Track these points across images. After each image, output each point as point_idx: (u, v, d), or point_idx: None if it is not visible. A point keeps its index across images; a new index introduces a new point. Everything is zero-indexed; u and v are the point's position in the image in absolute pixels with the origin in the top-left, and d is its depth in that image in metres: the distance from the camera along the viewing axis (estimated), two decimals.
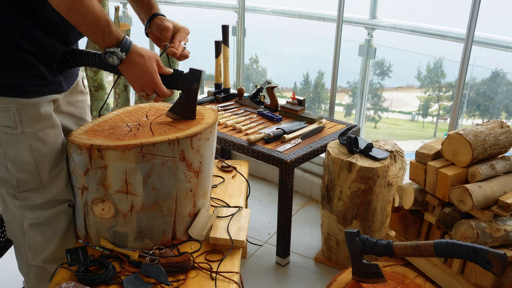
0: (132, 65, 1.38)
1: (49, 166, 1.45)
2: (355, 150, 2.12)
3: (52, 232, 1.53)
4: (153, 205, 1.50)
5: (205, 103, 2.79)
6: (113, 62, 1.35)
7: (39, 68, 1.36)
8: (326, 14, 2.96)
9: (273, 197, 3.03)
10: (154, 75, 1.43)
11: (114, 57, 1.34)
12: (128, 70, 1.40)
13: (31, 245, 1.54)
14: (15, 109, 1.33)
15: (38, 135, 1.40)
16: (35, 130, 1.39)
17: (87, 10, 1.24)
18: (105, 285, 1.39)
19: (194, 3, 3.60)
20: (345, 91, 7.03)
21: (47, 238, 1.52)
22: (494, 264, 1.26)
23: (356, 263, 1.49)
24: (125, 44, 1.35)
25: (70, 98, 1.59)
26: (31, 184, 1.44)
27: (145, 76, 1.41)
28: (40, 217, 1.50)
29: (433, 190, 1.69)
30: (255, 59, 5.22)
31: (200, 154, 1.53)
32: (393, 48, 4.29)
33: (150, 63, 1.41)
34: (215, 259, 1.55)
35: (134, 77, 1.41)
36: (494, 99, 5.47)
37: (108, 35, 1.31)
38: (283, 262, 2.39)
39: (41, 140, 1.41)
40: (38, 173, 1.43)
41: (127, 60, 1.37)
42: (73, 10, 1.22)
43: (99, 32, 1.29)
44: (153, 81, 1.43)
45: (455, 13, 3.62)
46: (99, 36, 1.30)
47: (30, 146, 1.39)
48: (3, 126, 1.35)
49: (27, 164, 1.40)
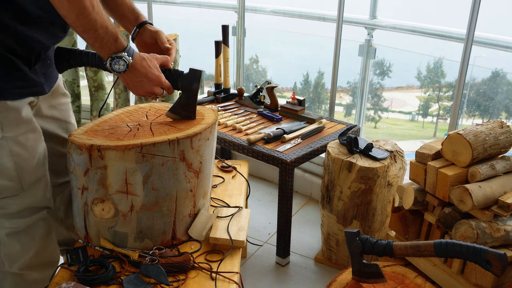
0: (136, 69, 1.38)
1: (30, 171, 1.42)
2: (355, 150, 2.12)
3: (30, 240, 1.50)
4: (153, 205, 1.50)
5: (205, 103, 2.79)
6: (119, 68, 1.34)
7: (20, 69, 1.33)
8: (326, 14, 2.96)
9: (273, 197, 3.03)
10: (159, 73, 1.43)
11: (121, 62, 1.33)
12: (134, 76, 1.39)
13: (7, 254, 1.50)
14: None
15: (18, 140, 1.37)
16: (15, 134, 1.36)
17: (97, 15, 1.23)
18: (105, 285, 1.39)
19: (194, 3, 3.60)
20: (345, 91, 7.03)
21: (24, 246, 1.50)
22: (494, 264, 1.26)
23: (356, 263, 1.49)
24: (130, 49, 1.35)
25: (52, 101, 1.57)
26: (10, 190, 1.40)
27: (152, 75, 1.41)
28: (17, 226, 1.47)
29: (433, 190, 1.69)
30: (255, 59, 5.22)
31: (200, 154, 1.53)
32: (393, 48, 4.29)
33: (152, 63, 1.41)
34: (215, 259, 1.55)
35: (140, 78, 1.40)
36: (494, 99, 5.47)
37: (115, 40, 1.30)
38: (283, 262, 2.39)
39: (22, 145, 1.38)
40: (18, 179, 1.40)
41: (133, 65, 1.36)
42: (83, 16, 1.21)
43: (107, 38, 1.28)
44: (160, 78, 1.43)
45: (455, 13, 3.62)
46: (106, 41, 1.29)
47: (11, 151, 1.36)
48: None
49: (7, 169, 1.37)
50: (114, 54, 1.32)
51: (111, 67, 1.34)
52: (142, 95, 1.45)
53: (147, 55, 1.41)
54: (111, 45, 1.30)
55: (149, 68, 1.40)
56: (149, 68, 1.40)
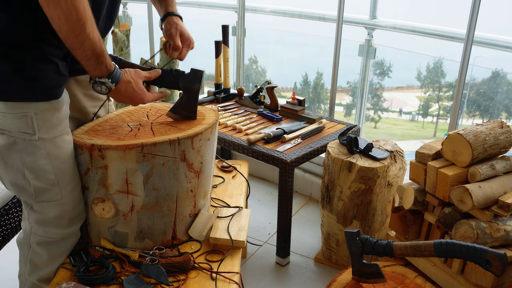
0: (120, 92, 1.40)
1: (68, 176, 1.43)
2: (355, 150, 2.12)
3: (58, 254, 1.50)
4: (153, 205, 1.50)
5: (205, 103, 2.79)
6: (101, 91, 1.36)
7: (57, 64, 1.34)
8: (326, 14, 2.96)
9: (273, 197, 3.03)
10: (143, 95, 1.46)
11: (103, 87, 1.35)
12: (117, 97, 1.42)
13: (33, 260, 1.51)
14: (33, 113, 1.31)
15: (56, 142, 1.38)
16: (53, 136, 1.36)
17: (87, 37, 1.23)
18: (105, 285, 1.39)
19: (194, 3, 3.60)
20: (345, 91, 7.02)
21: (51, 258, 1.50)
22: (494, 264, 1.26)
23: (356, 263, 1.49)
24: (115, 75, 1.36)
25: None
26: (49, 194, 1.40)
27: (135, 98, 1.45)
28: (51, 236, 1.47)
29: (433, 190, 1.69)
30: (254, 59, 5.22)
31: (201, 154, 1.53)
32: (393, 48, 4.29)
33: (138, 86, 1.44)
34: (215, 259, 1.55)
35: (123, 100, 1.44)
36: (494, 99, 5.47)
37: (100, 64, 1.31)
38: (283, 262, 2.39)
39: (59, 147, 1.39)
40: (58, 183, 1.40)
41: (116, 90, 1.39)
42: (73, 34, 1.21)
43: (93, 60, 1.29)
44: (143, 99, 1.46)
45: (455, 13, 3.62)
46: (91, 63, 1.30)
47: (48, 153, 1.36)
48: (21, 132, 1.32)
49: (45, 172, 1.37)
50: (97, 79, 1.34)
51: (93, 88, 1.36)
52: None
53: (133, 77, 1.43)
54: (95, 68, 1.31)
55: (132, 92, 1.43)
56: (132, 92, 1.43)
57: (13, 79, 1.27)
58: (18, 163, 1.36)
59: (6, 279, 2.15)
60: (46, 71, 1.31)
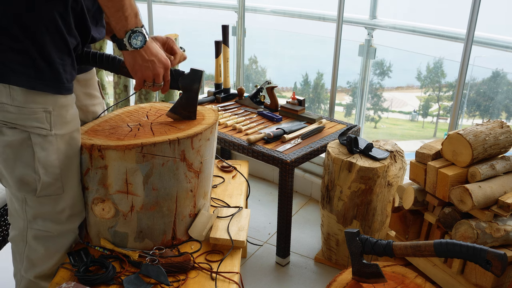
0: (150, 49, 1.38)
1: (72, 172, 1.43)
2: (355, 150, 2.12)
3: (55, 250, 1.49)
4: (153, 205, 1.50)
5: (205, 103, 2.79)
6: (136, 44, 1.33)
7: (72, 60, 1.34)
8: (326, 14, 2.96)
9: (273, 197, 3.03)
10: (166, 57, 1.44)
11: (139, 37, 1.33)
12: (146, 55, 1.38)
13: (29, 256, 1.49)
14: (51, 109, 1.31)
15: (66, 139, 1.38)
16: (65, 132, 1.37)
17: None
18: (105, 285, 1.39)
19: (194, 3, 3.60)
20: (345, 91, 7.02)
21: (48, 254, 1.49)
22: (494, 264, 1.26)
23: (356, 263, 1.49)
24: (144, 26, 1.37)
25: None
26: (52, 188, 1.40)
27: (162, 57, 1.42)
28: (49, 230, 1.46)
29: (433, 190, 1.69)
30: (254, 59, 5.21)
31: (201, 154, 1.53)
32: (393, 48, 4.29)
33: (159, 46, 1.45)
34: (215, 259, 1.55)
35: (151, 61, 1.39)
36: (494, 99, 5.46)
37: (135, 16, 1.31)
38: (283, 262, 2.39)
39: (69, 144, 1.39)
40: (61, 177, 1.40)
41: (148, 43, 1.37)
42: None
43: (129, 10, 1.29)
44: (168, 62, 1.44)
45: (455, 13, 3.62)
46: (129, 13, 1.29)
47: (58, 148, 1.36)
48: (37, 127, 1.32)
49: (53, 167, 1.37)
50: (135, 28, 1.32)
51: (129, 41, 1.33)
52: (145, 78, 1.42)
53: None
54: (132, 19, 1.31)
55: (159, 50, 1.42)
56: (159, 50, 1.42)
57: (39, 68, 1.27)
58: (29, 158, 1.34)
59: (6, 279, 2.15)
60: (66, 65, 1.33)
